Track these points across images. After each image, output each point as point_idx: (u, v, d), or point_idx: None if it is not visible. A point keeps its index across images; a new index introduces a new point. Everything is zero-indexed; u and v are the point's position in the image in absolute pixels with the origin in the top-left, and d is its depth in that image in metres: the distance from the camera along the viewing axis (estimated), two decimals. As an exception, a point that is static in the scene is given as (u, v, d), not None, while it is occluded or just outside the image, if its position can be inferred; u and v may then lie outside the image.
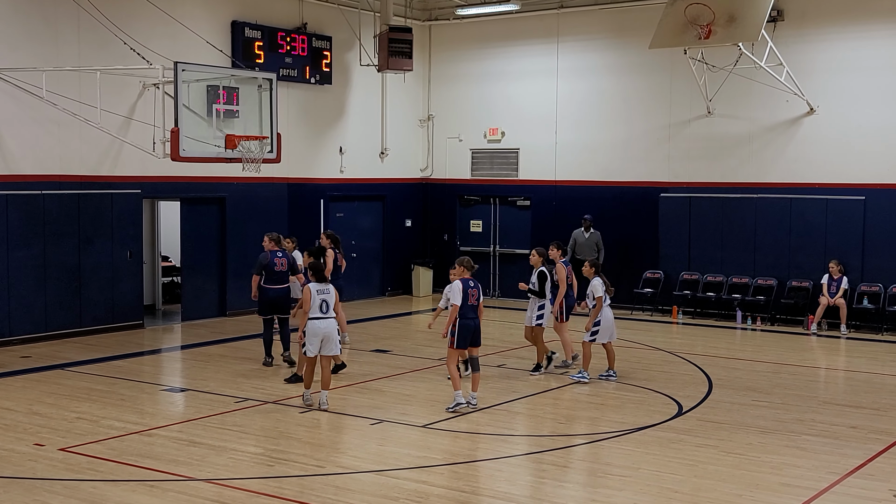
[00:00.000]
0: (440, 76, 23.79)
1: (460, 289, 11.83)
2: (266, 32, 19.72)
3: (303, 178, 20.97)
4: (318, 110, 21.32)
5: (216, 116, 15.29)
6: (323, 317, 11.92)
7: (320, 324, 11.89)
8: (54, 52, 16.49)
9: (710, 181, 20.35)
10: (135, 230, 18.06)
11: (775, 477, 9.55)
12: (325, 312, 11.94)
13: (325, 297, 11.94)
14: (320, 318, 11.91)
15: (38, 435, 10.80)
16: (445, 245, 23.66)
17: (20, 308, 16.29)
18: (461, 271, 12.05)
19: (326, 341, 11.93)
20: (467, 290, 11.87)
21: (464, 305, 11.85)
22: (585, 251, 20.10)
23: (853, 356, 16.55)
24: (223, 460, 9.98)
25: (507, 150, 22.98)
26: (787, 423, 11.67)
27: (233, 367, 14.59)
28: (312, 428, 11.31)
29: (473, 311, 11.99)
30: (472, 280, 12.03)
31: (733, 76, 19.18)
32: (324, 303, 11.92)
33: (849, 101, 18.87)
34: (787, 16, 19.20)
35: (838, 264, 18.42)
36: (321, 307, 11.89)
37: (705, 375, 14.37)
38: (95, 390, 13.04)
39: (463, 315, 11.86)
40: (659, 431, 11.20)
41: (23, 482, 9.18)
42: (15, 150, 16.24)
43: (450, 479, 9.48)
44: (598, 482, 9.37)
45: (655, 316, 20.32)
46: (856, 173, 18.81)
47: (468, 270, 12.06)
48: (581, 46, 21.88)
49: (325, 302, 11.94)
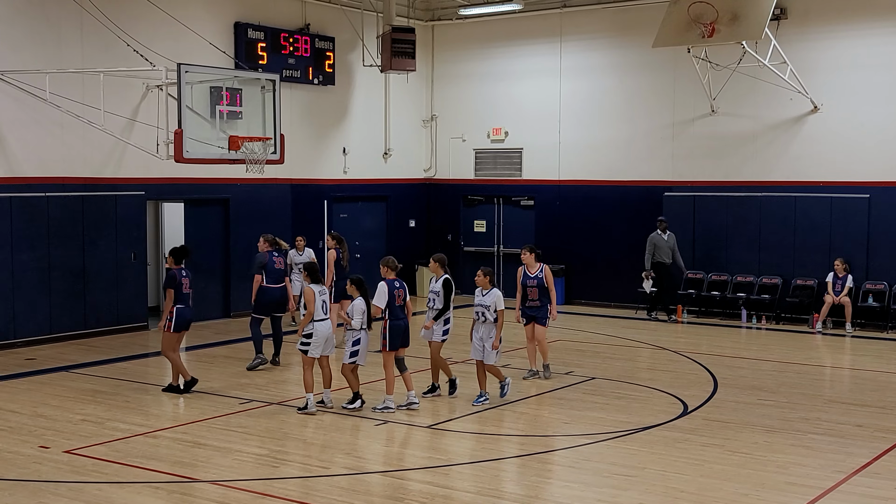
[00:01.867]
0: (443, 76, 23.78)
1: (386, 291, 11.67)
2: (269, 33, 19.72)
3: (306, 179, 20.97)
4: (322, 111, 21.32)
5: (219, 118, 15.28)
6: (325, 318, 11.93)
7: (325, 325, 11.90)
8: (57, 54, 16.50)
9: (713, 180, 20.33)
10: (139, 232, 18.07)
11: (781, 476, 9.53)
12: (326, 313, 11.95)
13: (324, 298, 11.96)
14: (324, 320, 11.91)
15: (42, 437, 10.80)
16: (449, 245, 23.64)
17: (25, 310, 16.30)
18: (386, 272, 11.91)
19: (328, 342, 11.98)
20: (393, 291, 11.76)
21: (392, 306, 11.74)
22: (666, 254, 19.52)
23: (858, 354, 16.52)
24: (228, 462, 9.98)
25: (511, 149, 22.96)
26: (793, 421, 11.65)
27: (237, 369, 14.57)
28: (317, 429, 11.30)
29: (402, 311, 11.93)
30: (397, 280, 11.92)
31: (737, 75, 19.15)
32: (324, 304, 11.92)
33: (853, 99, 18.83)
34: (791, 14, 19.17)
35: (843, 262, 18.38)
36: (322, 308, 11.90)
37: (710, 375, 14.35)
38: (100, 392, 13.05)
39: (393, 316, 11.79)
40: (664, 431, 11.19)
41: (28, 484, 9.18)
42: (18, 152, 16.25)
43: (455, 479, 9.47)
44: (603, 482, 9.35)
45: (659, 315, 20.28)
46: (860, 171, 18.78)
47: (392, 271, 11.94)
48: (584, 46, 21.86)
49: (325, 303, 11.95)
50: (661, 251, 19.57)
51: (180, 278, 12.80)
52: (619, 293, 21.25)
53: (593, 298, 21.64)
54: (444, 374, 12.81)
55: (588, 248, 21.83)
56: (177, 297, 12.76)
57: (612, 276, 21.46)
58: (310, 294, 11.83)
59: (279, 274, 14.70)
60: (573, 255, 22.04)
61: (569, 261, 22.02)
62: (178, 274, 12.83)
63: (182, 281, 12.81)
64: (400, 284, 11.94)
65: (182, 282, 12.80)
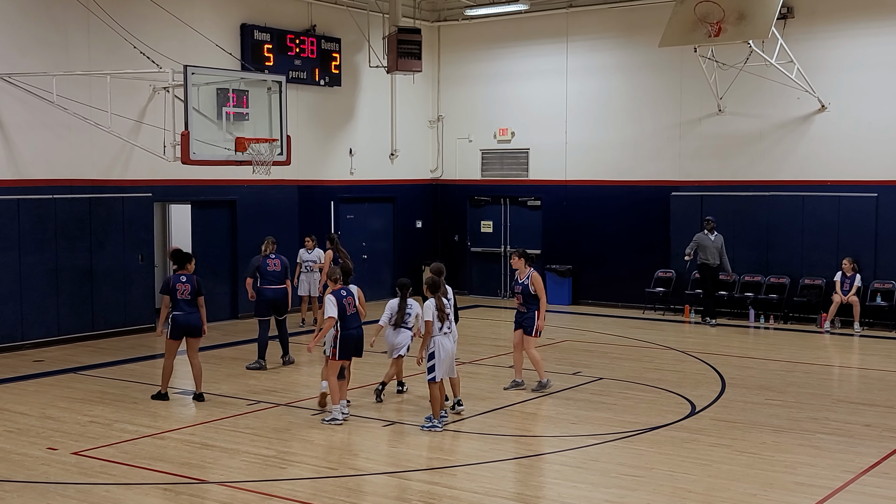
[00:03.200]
0: (449, 77, 23.78)
1: (334, 302, 11.35)
2: (275, 35, 19.74)
3: (313, 181, 20.99)
4: (328, 112, 21.33)
5: (226, 119, 15.30)
6: None
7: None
8: (64, 57, 16.54)
9: (721, 179, 20.29)
10: (146, 234, 18.10)
11: (789, 476, 9.50)
12: None
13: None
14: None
15: (50, 439, 10.82)
16: (456, 246, 23.65)
17: (33, 312, 16.34)
18: (332, 285, 11.58)
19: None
20: (341, 301, 11.45)
21: (343, 316, 11.42)
22: (713, 255, 18.97)
23: (867, 354, 16.47)
24: (236, 463, 9.98)
25: (518, 150, 22.95)
26: (801, 421, 11.62)
27: (244, 370, 14.59)
28: (324, 430, 11.30)
29: (355, 319, 11.63)
30: (343, 290, 11.55)
31: (744, 74, 19.11)
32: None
33: (860, 98, 18.79)
34: (798, 13, 19.13)
35: (852, 262, 18.33)
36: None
37: (718, 374, 14.32)
38: (108, 394, 13.07)
39: (344, 326, 11.46)
40: (672, 431, 11.17)
41: (36, 486, 9.20)
42: (26, 154, 16.29)
43: (462, 480, 9.46)
44: (611, 482, 9.33)
45: (667, 315, 20.27)
46: (868, 170, 18.73)
47: (337, 283, 11.57)
48: (590, 46, 21.84)
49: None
50: (708, 252, 19.01)
51: (174, 283, 12.38)
52: (627, 293, 21.23)
53: (600, 298, 21.62)
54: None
55: (595, 248, 21.81)
56: (172, 303, 12.41)
57: (619, 277, 21.43)
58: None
59: (274, 276, 14.72)
60: (580, 255, 22.03)
61: (576, 261, 22.01)
62: (171, 279, 12.46)
63: (176, 287, 12.35)
64: (347, 293, 11.54)
65: (176, 287, 12.34)
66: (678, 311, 20.19)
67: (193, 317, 12.46)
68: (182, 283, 12.41)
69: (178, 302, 12.37)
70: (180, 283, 12.40)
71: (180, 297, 12.37)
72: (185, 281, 12.43)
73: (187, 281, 12.46)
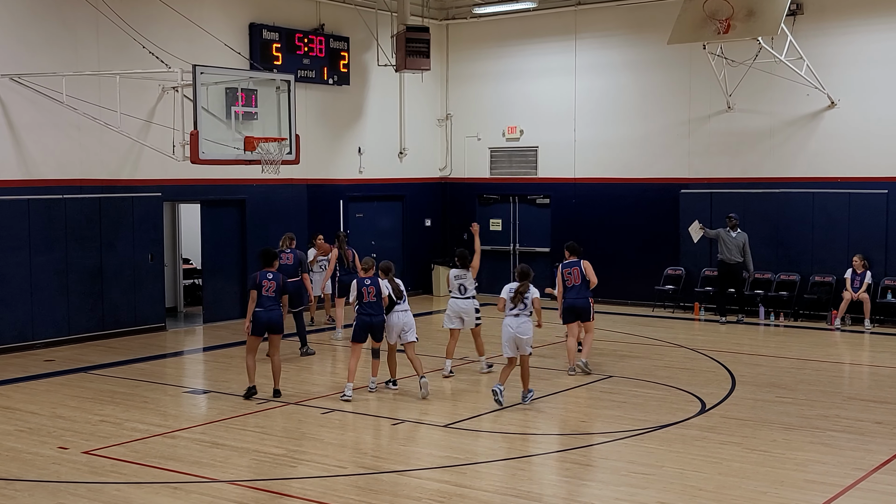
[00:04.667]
0: (458, 75, 23.77)
1: (354, 286, 12.74)
2: (283, 34, 19.75)
3: (322, 179, 21.00)
4: (337, 111, 21.34)
5: (235, 119, 15.32)
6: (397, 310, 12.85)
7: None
8: (73, 57, 16.58)
9: (730, 177, 20.25)
10: (156, 233, 18.13)
11: (800, 474, 9.48)
12: (463, 294, 14.03)
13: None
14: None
15: (61, 438, 10.86)
16: (465, 244, 23.59)
17: (43, 312, 16.38)
18: (361, 273, 13.01)
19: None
20: (361, 289, 12.63)
21: (360, 302, 12.65)
22: (732, 252, 18.87)
23: (877, 351, 16.41)
24: (246, 462, 10.00)
25: (526, 148, 22.94)
26: (812, 419, 11.59)
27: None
28: (334, 429, 11.32)
29: (370, 307, 12.61)
30: (368, 279, 12.66)
31: (753, 71, 19.07)
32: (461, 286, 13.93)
33: (870, 95, 18.73)
34: (807, 9, 19.08)
35: (862, 259, 18.27)
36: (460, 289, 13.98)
37: (728, 372, 14.29)
38: (118, 393, 13.10)
39: (360, 311, 12.67)
40: (682, 429, 11.15)
41: (47, 485, 9.23)
42: (36, 155, 16.33)
43: (472, 478, 9.46)
44: (621, 480, 9.33)
45: (677, 313, 20.24)
46: (878, 167, 18.67)
47: (367, 272, 12.80)
48: (599, 43, 21.81)
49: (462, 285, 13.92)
50: (728, 249, 18.91)
51: (261, 280, 12.63)
52: (636, 291, 21.20)
53: (610, 296, 21.52)
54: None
55: (604, 245, 21.73)
56: (258, 301, 12.59)
57: (628, 274, 21.38)
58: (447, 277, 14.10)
59: (288, 269, 15.17)
60: (589, 253, 21.62)
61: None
62: (259, 276, 12.71)
63: (262, 283, 12.59)
64: (370, 282, 12.61)
65: (263, 284, 12.59)
66: (688, 309, 20.15)
67: (275, 314, 12.68)
68: (269, 280, 12.69)
69: (263, 298, 12.61)
70: (266, 280, 12.68)
71: (265, 294, 12.62)
72: (271, 278, 12.71)
73: (273, 278, 12.72)
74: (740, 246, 18.94)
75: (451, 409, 12.24)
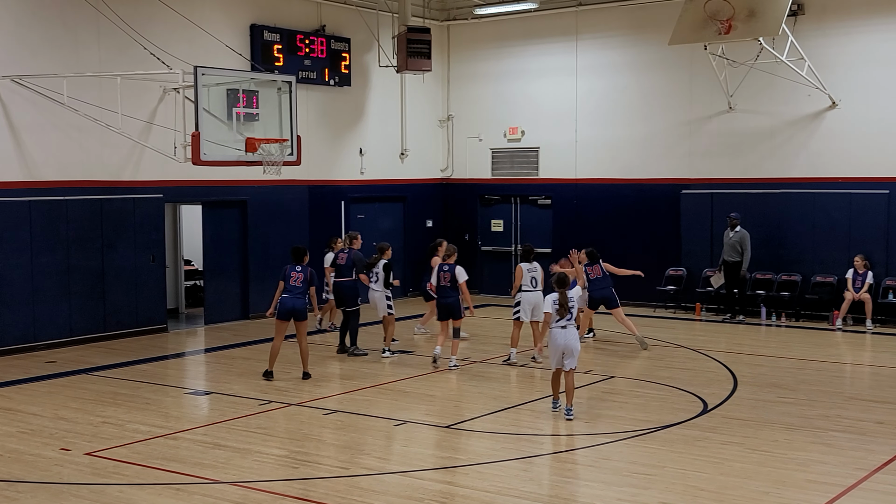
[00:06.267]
0: (459, 76, 23.78)
1: (434, 271, 14.77)
2: (285, 35, 19.76)
3: (323, 180, 21.01)
4: (338, 112, 21.35)
5: (236, 120, 15.33)
6: (533, 290, 14.86)
7: (531, 295, 14.74)
8: (74, 58, 16.59)
9: (732, 177, 20.25)
10: (157, 235, 18.14)
11: (801, 474, 9.48)
12: (535, 287, 14.99)
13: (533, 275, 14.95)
14: (531, 291, 14.75)
15: (63, 440, 10.87)
16: (467, 245, 23.64)
17: (45, 314, 16.39)
18: (440, 256, 15.26)
19: (536, 308, 14.63)
20: (438, 273, 14.62)
21: (438, 286, 14.61)
22: (729, 252, 19.01)
23: (879, 351, 16.41)
24: (248, 463, 10.00)
25: (528, 148, 22.94)
26: (813, 419, 11.59)
27: (256, 370, 14.58)
28: (336, 430, 11.33)
29: (446, 291, 14.50)
30: (445, 265, 14.62)
31: (754, 71, 19.07)
32: (533, 279, 15.00)
33: (871, 95, 18.73)
34: (808, 10, 19.08)
35: (863, 259, 18.27)
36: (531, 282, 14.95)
37: (730, 372, 14.29)
38: (120, 394, 13.11)
39: (439, 295, 14.62)
40: (684, 429, 11.15)
41: (49, 487, 9.24)
42: (37, 156, 16.35)
43: (474, 479, 9.46)
44: (623, 481, 9.33)
45: (678, 313, 20.24)
46: (879, 167, 18.67)
47: (449, 258, 14.76)
48: (600, 44, 21.81)
49: (534, 278, 15.00)
50: (724, 248, 19.13)
51: (289, 272, 13.84)
52: (638, 291, 21.12)
53: (611, 297, 21.56)
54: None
55: (606, 246, 21.60)
56: (284, 288, 13.75)
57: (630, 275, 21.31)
58: (519, 271, 14.83)
59: (342, 269, 15.96)
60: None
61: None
62: (288, 269, 13.92)
63: (290, 274, 13.80)
64: (448, 269, 14.53)
65: (290, 275, 13.79)
66: (689, 310, 20.15)
67: (299, 302, 13.76)
68: (296, 272, 13.87)
69: (289, 287, 13.79)
70: (294, 271, 13.88)
71: (292, 284, 13.79)
72: (299, 271, 13.88)
73: (301, 271, 13.87)
74: (735, 245, 19.01)
75: (454, 409, 12.25)
